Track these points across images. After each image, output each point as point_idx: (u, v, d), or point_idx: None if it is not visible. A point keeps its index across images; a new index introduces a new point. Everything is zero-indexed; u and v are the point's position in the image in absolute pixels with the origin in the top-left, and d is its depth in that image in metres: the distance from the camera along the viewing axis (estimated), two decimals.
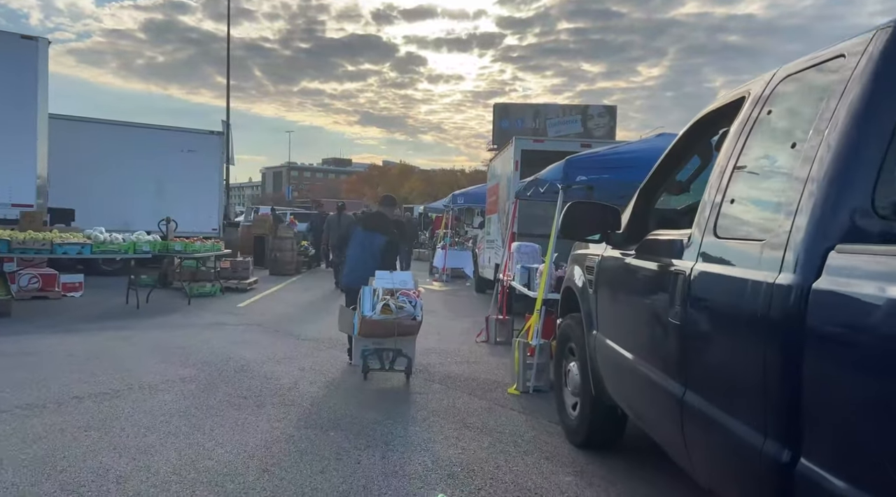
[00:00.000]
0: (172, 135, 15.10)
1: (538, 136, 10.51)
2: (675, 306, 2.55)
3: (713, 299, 2.31)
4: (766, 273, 1.94)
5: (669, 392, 2.56)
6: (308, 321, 9.17)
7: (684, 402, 2.43)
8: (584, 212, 3.59)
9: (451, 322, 9.74)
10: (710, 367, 2.28)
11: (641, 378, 2.94)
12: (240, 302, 10.91)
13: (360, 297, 5.73)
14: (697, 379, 2.38)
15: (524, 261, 7.95)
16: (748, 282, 2.03)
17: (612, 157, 5.76)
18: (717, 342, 2.27)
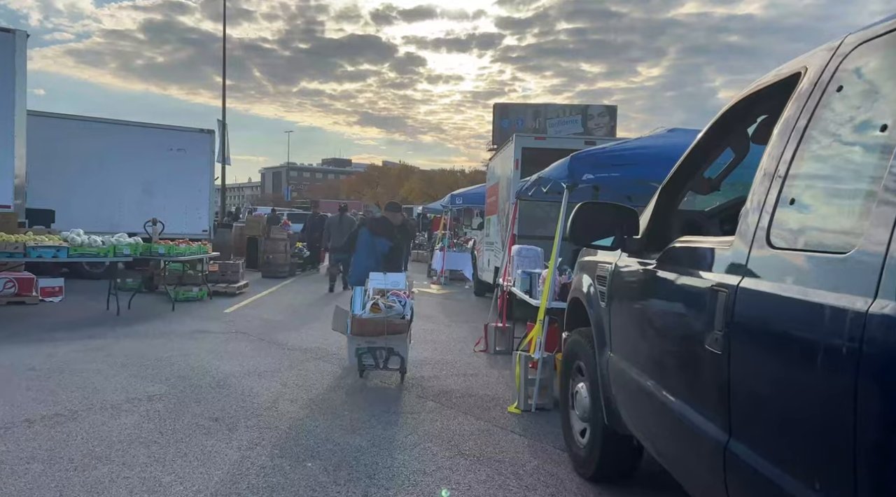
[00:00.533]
0: (161, 133, 14.61)
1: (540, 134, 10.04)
2: (713, 332, 2.06)
3: (769, 327, 1.82)
4: (853, 298, 1.45)
5: (708, 437, 2.07)
6: (297, 328, 8.68)
7: (728, 451, 1.94)
8: (596, 214, 3.10)
9: (447, 329, 9.25)
10: (767, 415, 1.79)
11: (668, 414, 2.45)
12: (227, 307, 10.41)
13: (352, 297, 6.06)
14: (747, 426, 1.89)
15: (525, 265, 7.46)
16: (824, 308, 1.54)
17: (623, 154, 5.28)
18: (776, 383, 1.78)
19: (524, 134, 9.89)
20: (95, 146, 13.60)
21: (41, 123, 12.77)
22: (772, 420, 1.77)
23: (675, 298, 2.52)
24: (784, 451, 1.70)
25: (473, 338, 8.53)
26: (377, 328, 5.64)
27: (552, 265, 5.42)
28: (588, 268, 3.88)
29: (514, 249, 7.71)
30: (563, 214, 5.44)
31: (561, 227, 5.43)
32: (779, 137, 2.02)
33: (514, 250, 7.68)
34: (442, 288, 15.46)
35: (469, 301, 13.21)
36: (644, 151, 5.28)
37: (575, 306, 4.09)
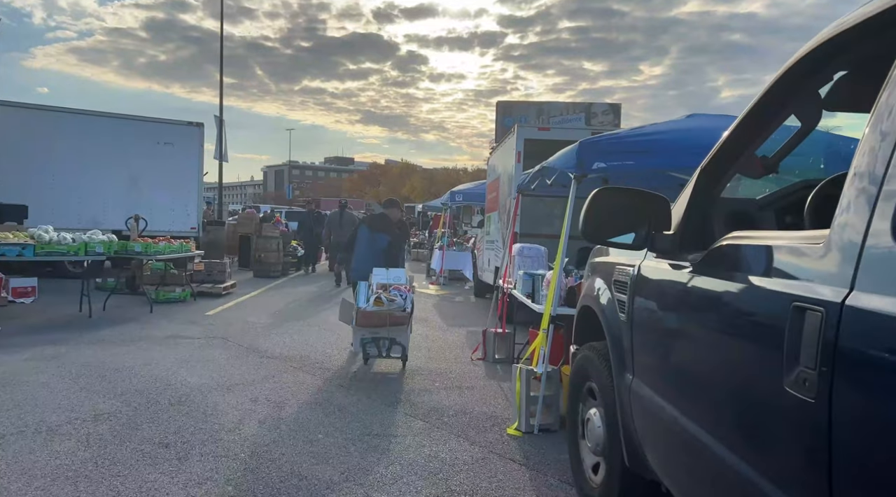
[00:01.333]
0: (147, 126, 13.97)
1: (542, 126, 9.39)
2: (799, 369, 1.41)
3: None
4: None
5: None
6: (281, 333, 8.04)
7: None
8: (617, 202, 2.46)
9: (443, 334, 8.60)
10: None
11: (717, 472, 1.80)
12: (210, 309, 9.78)
13: (356, 292, 6.43)
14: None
15: (527, 266, 6.81)
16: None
17: (639, 140, 4.62)
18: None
19: (527, 125, 9.26)
20: (76, 139, 12.97)
21: (15, 114, 12.16)
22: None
23: (727, 316, 1.87)
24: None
25: (471, 344, 7.89)
26: (380, 320, 6.07)
27: (557, 266, 4.77)
28: (602, 270, 3.23)
29: (515, 248, 7.06)
30: (570, 208, 4.80)
31: (568, 223, 4.79)
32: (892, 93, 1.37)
33: (515, 249, 7.04)
34: (441, 288, 14.82)
35: (468, 303, 12.56)
36: (663, 138, 4.62)
37: (586, 316, 3.44)
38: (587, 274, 3.74)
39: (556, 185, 5.67)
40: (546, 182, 5.75)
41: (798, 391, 1.41)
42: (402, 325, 6.16)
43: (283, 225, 16.36)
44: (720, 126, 5.13)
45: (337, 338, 7.86)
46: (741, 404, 1.73)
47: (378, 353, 6.16)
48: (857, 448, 1.26)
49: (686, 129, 4.83)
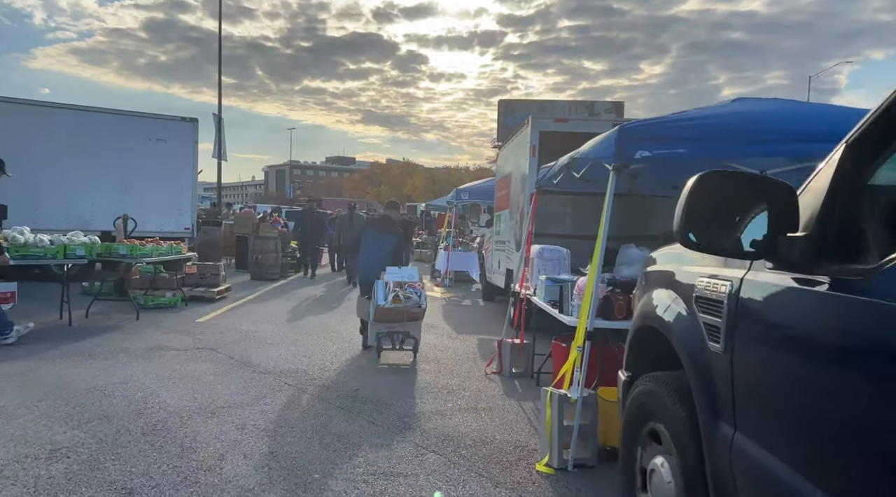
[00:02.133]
0: (138, 121, 13.29)
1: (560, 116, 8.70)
2: None
3: None
4: None
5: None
6: (276, 344, 7.36)
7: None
8: (731, 191, 1.79)
9: (453, 343, 7.92)
10: None
11: None
12: (201, 315, 9.11)
13: (374, 290, 6.61)
14: None
15: (548, 269, 6.15)
16: None
17: (692, 124, 3.93)
18: None
19: (542, 116, 8.58)
20: (62, 136, 12.29)
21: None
22: None
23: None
24: None
25: (483, 354, 7.22)
26: (398, 315, 6.51)
27: (594, 272, 4.09)
28: (670, 281, 2.55)
29: (533, 250, 6.39)
30: (607, 204, 4.12)
31: (606, 221, 4.10)
32: None
33: (533, 251, 6.36)
34: (446, 291, 14.15)
35: (476, 307, 11.89)
36: (719, 122, 3.94)
37: (645, 337, 2.77)
38: (640, 283, 3.06)
39: (585, 180, 4.98)
40: (574, 175, 5.08)
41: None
42: (417, 321, 6.68)
43: (281, 225, 15.66)
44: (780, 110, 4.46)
45: (337, 348, 7.19)
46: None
47: (392, 346, 6.63)
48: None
49: (744, 113, 4.15)
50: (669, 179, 6.09)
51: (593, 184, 6.29)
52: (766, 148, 3.75)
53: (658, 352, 2.63)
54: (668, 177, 5.91)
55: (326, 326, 8.66)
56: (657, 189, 6.46)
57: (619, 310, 4.43)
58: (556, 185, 5.72)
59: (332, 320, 9.22)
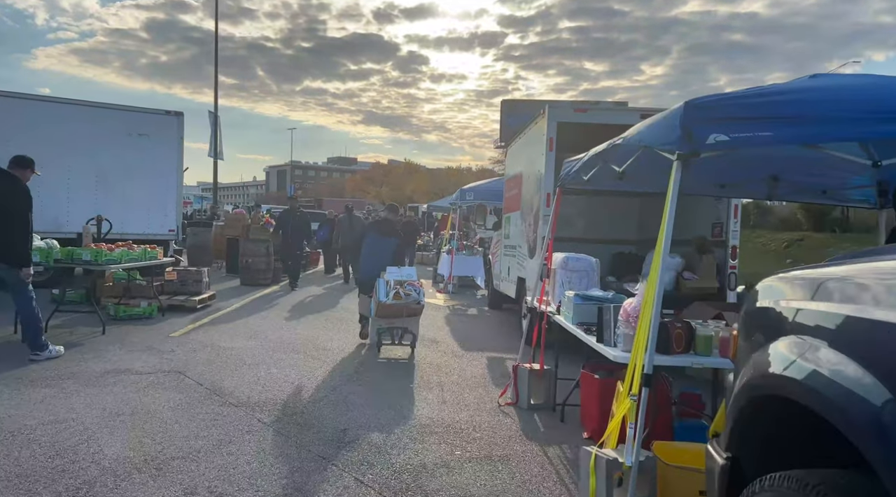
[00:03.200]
0: (118, 115, 12.31)
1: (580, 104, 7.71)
2: None
3: None
4: None
5: None
6: (256, 364, 6.40)
7: None
8: None
9: (458, 362, 6.95)
10: None
11: None
12: (177, 328, 8.15)
13: (375, 288, 6.98)
14: None
15: (574, 283, 5.18)
16: None
17: (781, 100, 2.94)
18: None
19: (560, 105, 7.57)
20: (34, 129, 11.33)
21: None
22: None
23: None
24: None
25: (494, 377, 6.26)
26: (398, 311, 6.86)
27: (652, 294, 3.10)
28: (824, 328, 1.58)
29: (556, 259, 5.41)
30: (670, 202, 3.14)
31: (668, 231, 3.12)
32: None
33: (556, 260, 5.39)
34: (449, 298, 13.18)
35: (483, 317, 10.92)
36: (824, 97, 2.95)
37: (767, 410, 1.80)
38: (744, 328, 2.08)
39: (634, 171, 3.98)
40: (613, 170, 4.08)
41: None
42: (415, 316, 7.05)
43: (272, 226, 14.69)
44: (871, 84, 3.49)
45: (326, 371, 6.22)
46: None
47: (391, 340, 7.00)
48: None
49: (837, 88, 3.16)
50: (715, 176, 5.14)
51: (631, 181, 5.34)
52: None
53: (791, 433, 1.67)
54: (715, 173, 4.95)
55: (316, 342, 7.69)
56: (699, 186, 5.47)
57: (677, 341, 3.46)
58: (588, 182, 4.73)
59: (323, 334, 8.25)
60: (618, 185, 5.50)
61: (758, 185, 5.22)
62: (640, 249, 10.05)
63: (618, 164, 3.95)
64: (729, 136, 2.96)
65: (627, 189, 5.97)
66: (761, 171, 4.90)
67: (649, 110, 7.27)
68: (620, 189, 5.99)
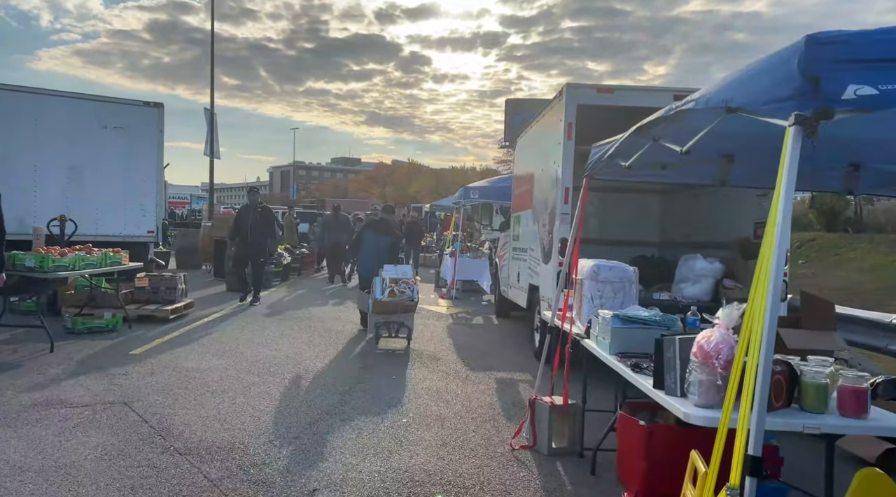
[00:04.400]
0: (91, 106, 11.27)
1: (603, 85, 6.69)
2: None
3: None
4: None
5: None
6: (221, 391, 5.36)
7: None
8: None
9: (464, 387, 5.89)
10: None
11: None
12: (141, 344, 7.12)
13: (372, 285, 7.51)
14: None
15: (608, 297, 4.13)
16: None
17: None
18: None
19: (580, 86, 6.50)
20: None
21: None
22: None
23: None
24: None
25: (505, 406, 5.23)
26: (394, 308, 7.31)
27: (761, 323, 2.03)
28: None
29: (583, 267, 4.36)
30: (784, 193, 2.07)
31: (783, 226, 2.05)
32: None
33: (583, 269, 4.34)
34: (452, 304, 12.12)
35: (490, 326, 9.86)
36: None
37: None
38: None
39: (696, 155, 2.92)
40: (670, 151, 3.02)
41: None
42: (410, 312, 7.47)
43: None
44: None
45: (302, 402, 5.18)
46: None
47: (389, 334, 7.49)
48: None
49: None
50: (773, 163, 4.10)
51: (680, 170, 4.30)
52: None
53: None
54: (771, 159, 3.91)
55: (298, 361, 6.65)
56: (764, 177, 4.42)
57: (776, 390, 2.39)
58: (630, 170, 3.68)
59: (307, 350, 7.22)
60: (661, 176, 4.47)
61: (832, 176, 4.17)
62: (665, 252, 9.00)
63: (679, 143, 2.89)
64: (878, 88, 1.91)
65: (673, 181, 4.91)
66: (840, 158, 3.84)
67: (684, 90, 6.21)
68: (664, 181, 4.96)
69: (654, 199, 9.16)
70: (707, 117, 2.58)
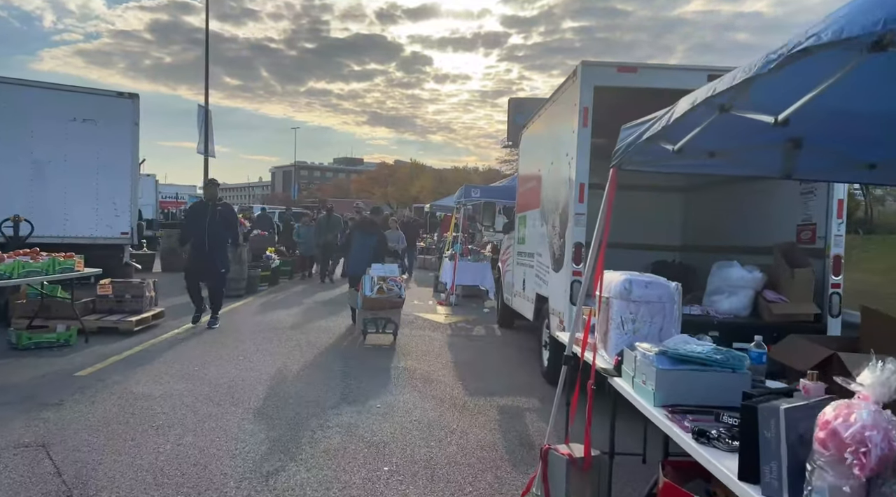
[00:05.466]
0: (58, 97, 10.41)
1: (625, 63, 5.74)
2: None
3: None
4: None
5: None
6: (168, 427, 4.44)
7: None
8: None
9: (460, 419, 4.94)
10: None
11: None
12: (93, 363, 6.21)
13: (361, 283, 7.92)
14: None
15: (644, 322, 3.21)
16: None
17: None
18: None
19: (598, 64, 5.54)
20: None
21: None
22: None
23: None
24: None
25: (508, 444, 4.30)
26: (382, 304, 7.79)
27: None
28: None
29: (611, 283, 3.43)
30: None
31: None
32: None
33: (611, 284, 3.41)
34: (451, 313, 11.18)
35: (492, 339, 8.92)
36: None
37: None
38: None
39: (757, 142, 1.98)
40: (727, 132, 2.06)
41: None
42: (397, 308, 7.92)
43: (246, 228, 12.75)
44: None
45: (264, 440, 4.25)
46: None
47: (376, 329, 7.84)
48: None
49: None
50: (864, 151, 3.22)
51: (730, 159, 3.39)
52: None
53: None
54: (852, 139, 3.01)
55: (269, 383, 5.73)
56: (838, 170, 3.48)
57: None
58: (679, 156, 2.74)
59: (282, 369, 6.30)
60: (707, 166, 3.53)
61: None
62: (687, 257, 8.07)
63: (770, 109, 1.95)
64: None
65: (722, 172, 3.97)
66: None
67: (719, 69, 5.27)
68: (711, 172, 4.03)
69: (675, 198, 8.22)
70: (824, 66, 1.64)
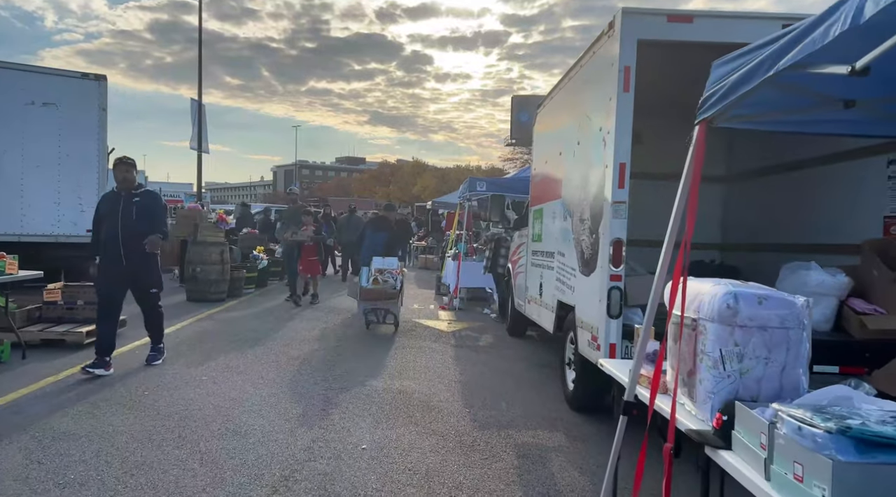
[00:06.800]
0: (13, 77, 9.29)
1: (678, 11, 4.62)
2: None
3: None
4: None
5: None
6: (82, 484, 3.31)
7: None
8: None
9: (465, 463, 3.79)
10: None
11: None
12: (16, 388, 5.09)
13: (360, 274, 8.60)
14: None
15: (759, 356, 2.03)
16: None
17: None
18: None
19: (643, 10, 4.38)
20: None
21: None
22: None
23: None
24: None
25: None
26: (377, 295, 8.20)
27: None
28: None
29: (703, 297, 2.26)
30: None
31: None
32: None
33: (705, 300, 2.24)
34: (455, 318, 10.04)
35: (501, 351, 7.75)
36: None
37: None
38: None
39: None
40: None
41: None
42: (394, 299, 8.26)
43: (226, 225, 11.62)
44: None
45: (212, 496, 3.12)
46: None
47: (376, 320, 8.33)
48: None
49: None
50: None
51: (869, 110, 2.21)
52: None
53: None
54: None
55: (230, 414, 4.60)
56: None
57: None
58: (806, 111, 1.59)
59: (250, 394, 5.16)
60: (837, 125, 2.39)
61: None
62: (730, 257, 6.91)
63: None
64: None
65: (854, 132, 2.78)
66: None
67: (793, 17, 4.12)
68: (839, 133, 2.85)
69: (714, 188, 7.03)
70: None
